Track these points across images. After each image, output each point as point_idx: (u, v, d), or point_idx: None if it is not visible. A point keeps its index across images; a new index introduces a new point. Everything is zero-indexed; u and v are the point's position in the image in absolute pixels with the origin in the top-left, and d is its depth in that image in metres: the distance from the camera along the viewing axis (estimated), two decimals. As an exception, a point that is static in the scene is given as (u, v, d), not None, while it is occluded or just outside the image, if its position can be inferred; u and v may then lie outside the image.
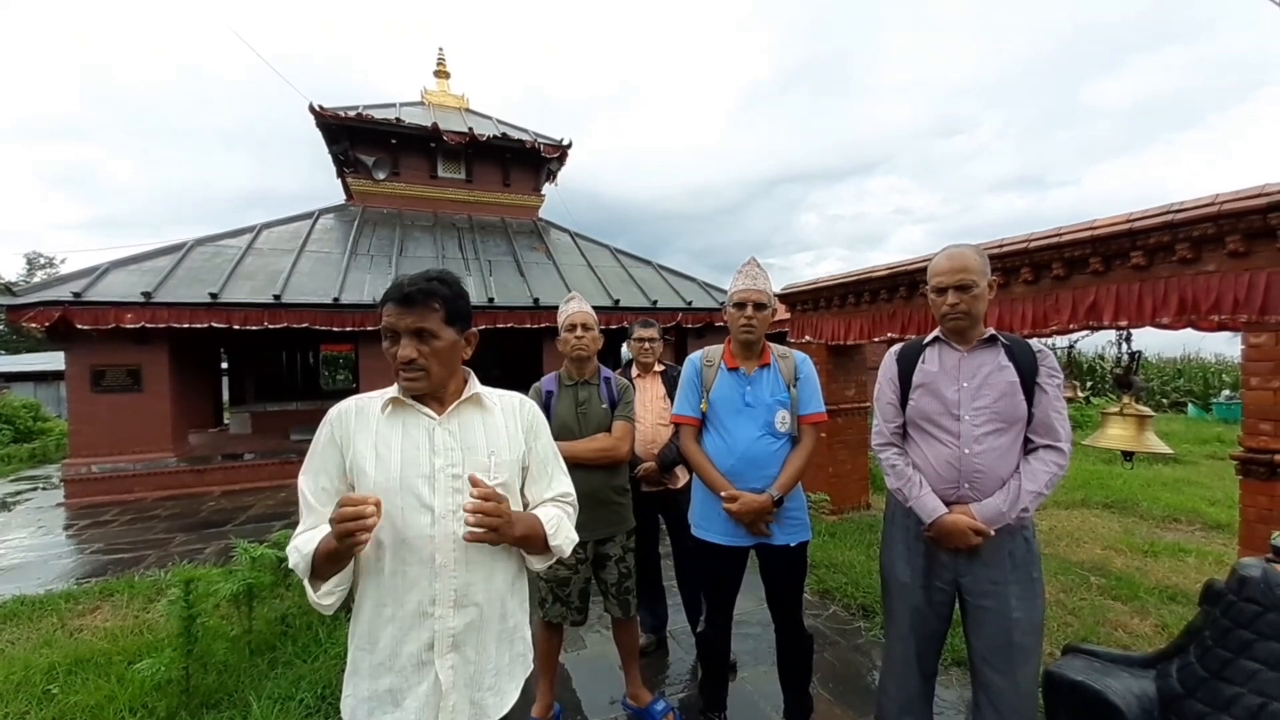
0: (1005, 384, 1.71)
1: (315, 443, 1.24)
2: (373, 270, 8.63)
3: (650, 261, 11.30)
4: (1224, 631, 1.76)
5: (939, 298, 1.77)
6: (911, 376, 1.86)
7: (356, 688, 1.20)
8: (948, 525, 1.69)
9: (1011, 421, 1.70)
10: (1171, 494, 5.98)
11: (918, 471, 1.81)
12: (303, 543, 1.15)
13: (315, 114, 10.09)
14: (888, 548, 1.94)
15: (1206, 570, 3.89)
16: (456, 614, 1.20)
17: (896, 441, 1.90)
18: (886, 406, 1.92)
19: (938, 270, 1.77)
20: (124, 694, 2.49)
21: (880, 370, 1.97)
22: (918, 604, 1.81)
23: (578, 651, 3.02)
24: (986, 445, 1.70)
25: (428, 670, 1.19)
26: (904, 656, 1.85)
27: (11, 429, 11.73)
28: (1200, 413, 13.32)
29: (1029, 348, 1.76)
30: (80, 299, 6.60)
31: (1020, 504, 1.65)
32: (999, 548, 1.70)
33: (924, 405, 1.81)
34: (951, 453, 1.74)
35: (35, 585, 4.14)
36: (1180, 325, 2.74)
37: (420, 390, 1.24)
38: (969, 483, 1.71)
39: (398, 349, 1.20)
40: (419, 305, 1.19)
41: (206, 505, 6.64)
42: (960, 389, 1.76)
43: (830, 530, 4.68)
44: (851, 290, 4.78)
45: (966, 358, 1.78)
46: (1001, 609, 1.68)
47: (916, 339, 1.94)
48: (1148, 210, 2.81)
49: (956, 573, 1.76)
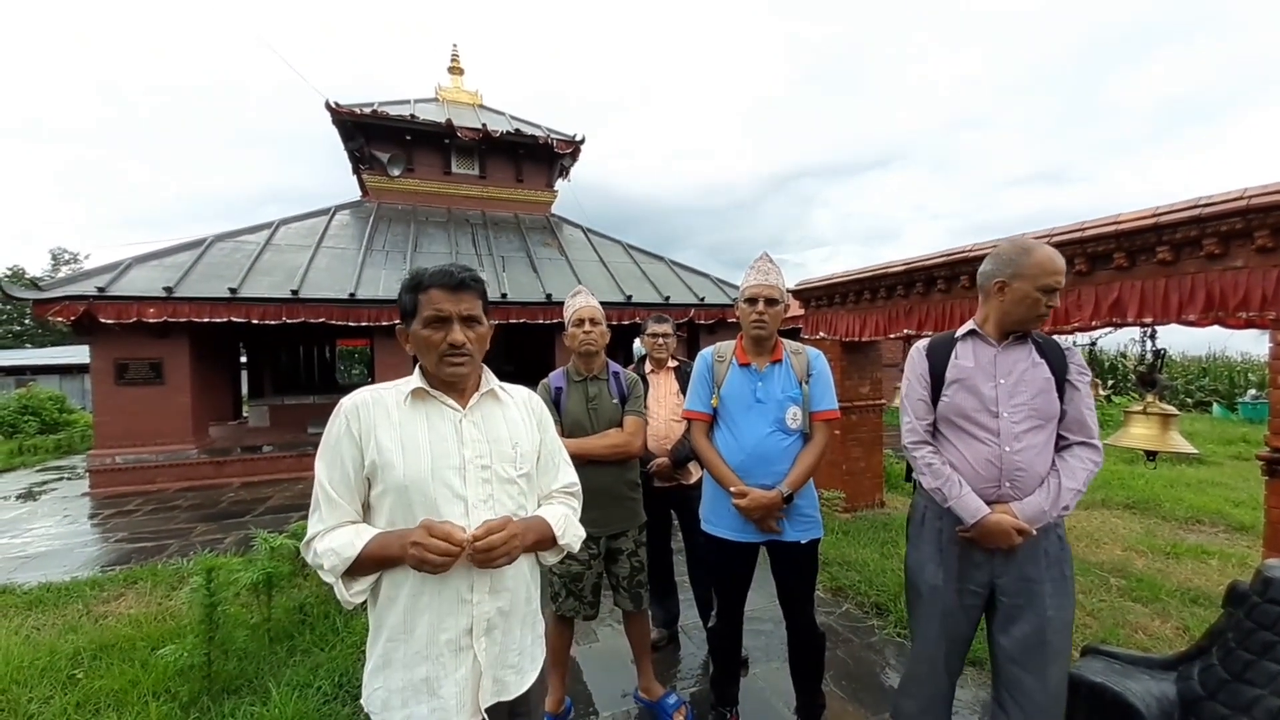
0: (1042, 380, 1.68)
1: (329, 435, 1.23)
2: (388, 266, 8.71)
3: (663, 257, 11.28)
4: (1247, 633, 1.73)
5: (1045, 296, 1.64)
6: (944, 372, 1.79)
7: (388, 679, 1.20)
8: (991, 525, 1.63)
9: (1048, 419, 1.67)
10: (1195, 495, 5.86)
11: (955, 471, 1.74)
12: (341, 544, 1.13)
13: (331, 111, 10.19)
14: (915, 549, 1.87)
15: (1230, 573, 3.81)
16: (492, 599, 1.24)
17: (930, 439, 1.83)
18: (918, 403, 1.84)
19: (1058, 269, 1.65)
20: (148, 679, 2.55)
21: (908, 365, 1.89)
22: (949, 607, 1.76)
23: (589, 645, 3.03)
24: (1026, 443, 1.66)
25: (465, 655, 1.21)
26: (931, 660, 1.80)
27: (38, 420, 12.03)
28: (1225, 412, 13.04)
29: (1058, 345, 1.73)
30: (104, 294, 6.75)
31: (1062, 502, 1.62)
32: (1035, 545, 1.67)
33: (959, 402, 1.75)
34: (991, 451, 1.69)
35: (61, 572, 4.25)
36: (1207, 322, 2.68)
37: (462, 376, 1.26)
38: (1010, 481, 1.67)
39: (445, 334, 1.22)
40: (470, 291, 1.24)
41: (226, 496, 6.77)
42: (998, 385, 1.71)
43: (844, 528, 4.65)
44: (867, 286, 4.73)
45: (1001, 353, 1.73)
46: (1036, 607, 1.65)
47: (946, 333, 1.87)
48: (1174, 204, 2.74)
49: (993, 573, 1.71)
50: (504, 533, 1.14)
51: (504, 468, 1.28)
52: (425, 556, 1.07)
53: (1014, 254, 1.68)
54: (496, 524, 1.15)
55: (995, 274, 1.72)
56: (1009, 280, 1.68)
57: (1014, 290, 1.68)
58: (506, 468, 1.28)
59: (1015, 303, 1.68)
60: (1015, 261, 1.67)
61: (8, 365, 20.34)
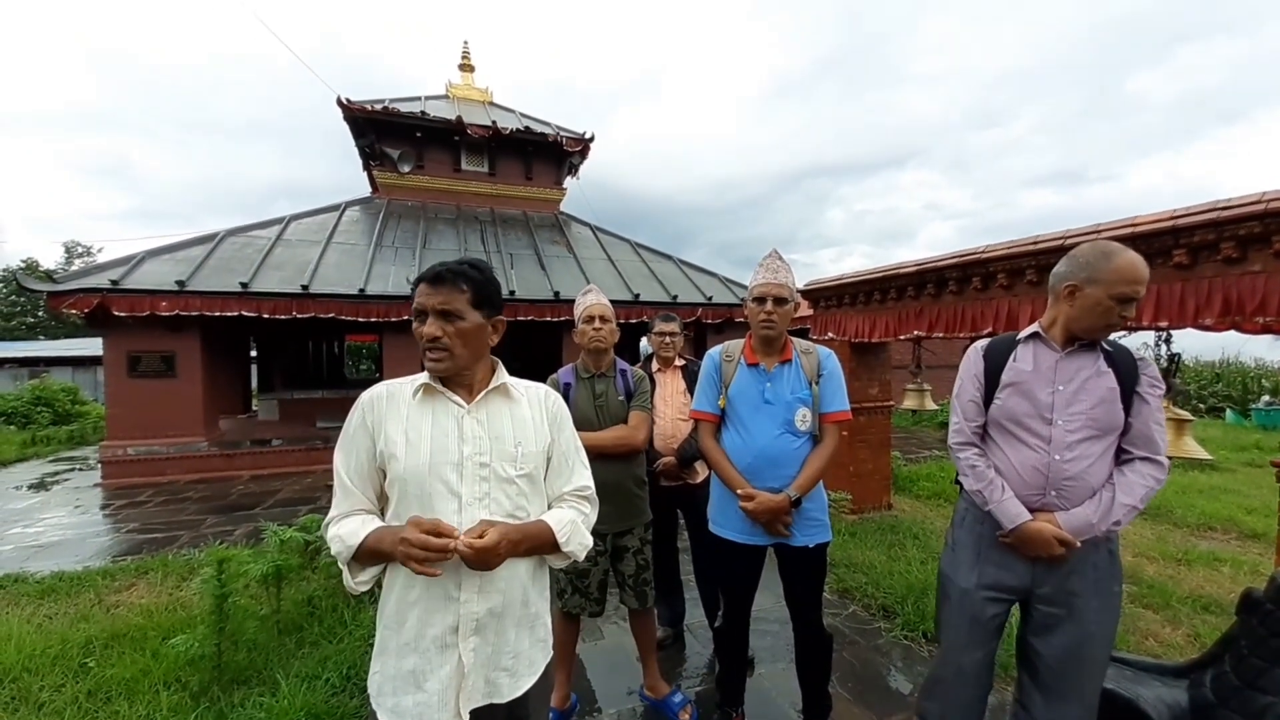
0: (1105, 390, 1.59)
1: (347, 425, 1.27)
2: (397, 262, 8.75)
3: (671, 256, 11.27)
4: (1260, 641, 1.71)
5: (1119, 306, 1.54)
6: (1000, 375, 1.72)
7: (384, 665, 1.23)
8: (1031, 533, 1.59)
9: (1107, 430, 1.59)
10: (1207, 501, 5.79)
11: (1000, 475, 1.70)
12: (347, 533, 1.18)
13: (343, 107, 10.24)
14: (952, 552, 1.83)
15: (1242, 580, 3.77)
16: (480, 599, 1.22)
17: (976, 441, 1.78)
18: (969, 404, 1.78)
19: (1140, 279, 1.52)
20: (158, 668, 2.58)
21: (963, 365, 1.83)
22: (978, 614, 1.72)
23: (595, 642, 3.04)
24: (1079, 453, 1.59)
25: (450, 653, 1.21)
26: (958, 666, 1.75)
27: (51, 411, 12.17)
28: (1239, 418, 12.87)
29: (1131, 355, 1.63)
30: (118, 286, 6.82)
31: (1113, 517, 1.55)
32: (1083, 559, 1.61)
33: (1012, 406, 1.68)
34: (1039, 458, 1.63)
35: (73, 562, 4.30)
36: (1223, 327, 2.64)
37: (443, 371, 1.25)
38: (1056, 490, 1.61)
39: (423, 327, 1.23)
40: (446, 285, 1.23)
41: (236, 489, 6.83)
42: (1056, 391, 1.63)
43: (850, 530, 4.63)
44: (877, 287, 4.70)
45: (1065, 359, 1.65)
46: (1078, 620, 1.60)
47: (1008, 335, 1.79)
48: (1192, 207, 2.71)
49: (1033, 582, 1.66)
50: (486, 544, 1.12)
51: (503, 466, 1.26)
52: (410, 553, 1.08)
53: (1092, 256, 1.57)
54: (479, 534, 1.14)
55: (1068, 277, 1.61)
56: (1081, 285, 1.57)
57: (1085, 296, 1.56)
58: (506, 466, 1.27)
59: (1086, 310, 1.57)
60: (1092, 265, 1.56)
61: (22, 357, 20.62)
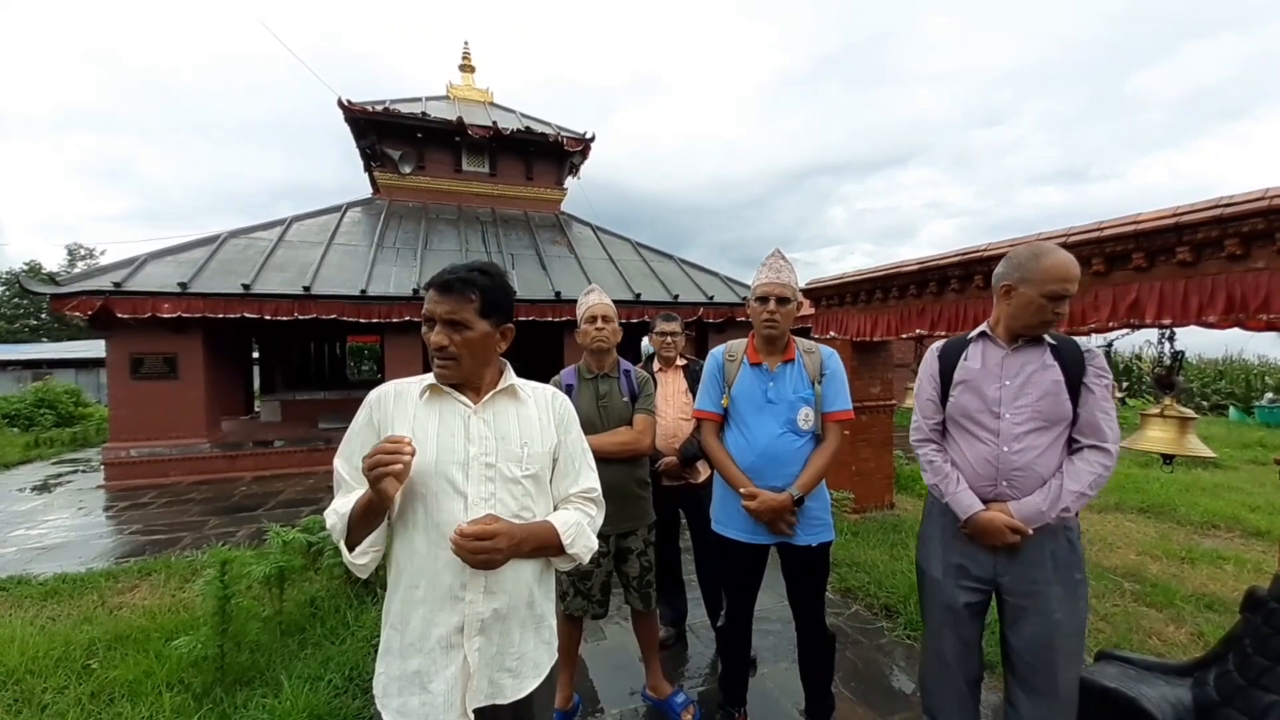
0: (1049, 383, 1.67)
1: (354, 425, 1.27)
2: (398, 263, 8.76)
3: (672, 255, 11.26)
4: (1264, 639, 1.71)
5: (1050, 304, 1.63)
6: (953, 373, 1.83)
7: (389, 666, 1.23)
8: (983, 522, 1.68)
9: (1054, 421, 1.67)
10: (1210, 499, 5.77)
11: (955, 468, 1.79)
12: (339, 505, 1.21)
13: (344, 108, 10.26)
14: (924, 543, 1.92)
15: (1245, 578, 3.76)
16: (486, 600, 1.22)
17: (935, 438, 1.88)
18: (926, 403, 1.90)
19: (1068, 277, 1.62)
20: (161, 670, 2.58)
21: (921, 366, 1.94)
22: (950, 601, 1.80)
23: (598, 643, 3.04)
24: (1026, 444, 1.68)
25: (456, 653, 1.20)
26: (938, 652, 1.84)
27: (54, 413, 12.18)
28: (1242, 416, 12.85)
29: (1077, 347, 1.71)
30: (120, 289, 6.84)
31: (1061, 504, 1.62)
32: (1040, 547, 1.67)
33: (964, 402, 1.78)
34: (990, 450, 1.72)
35: (76, 563, 4.31)
36: (1227, 324, 2.63)
37: (451, 379, 1.26)
38: (1007, 480, 1.70)
39: (432, 335, 1.23)
40: (455, 294, 1.22)
41: (238, 490, 6.84)
42: (1003, 386, 1.73)
43: (853, 529, 4.63)
44: (879, 285, 4.69)
45: (1010, 355, 1.74)
46: (1043, 609, 1.65)
47: (961, 336, 1.89)
48: (1195, 204, 2.70)
49: (995, 572, 1.73)
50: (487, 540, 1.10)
51: (509, 467, 1.26)
52: (375, 460, 1.06)
53: (1024, 258, 1.67)
54: (478, 532, 1.11)
55: (1004, 277, 1.72)
56: (1016, 284, 1.68)
57: (1020, 295, 1.67)
58: (512, 467, 1.26)
59: (1021, 308, 1.68)
60: (1024, 265, 1.66)
61: (25, 359, 20.66)
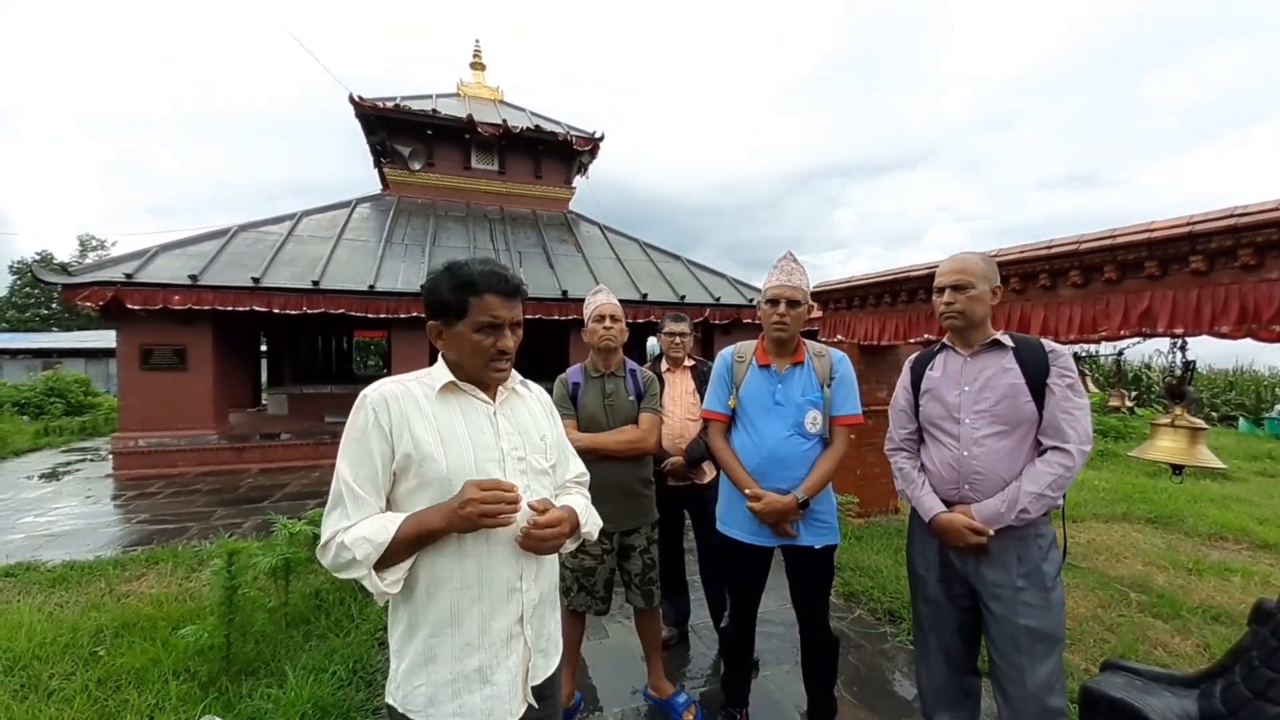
0: (1006, 386, 1.71)
1: (353, 429, 1.16)
2: (406, 259, 8.79)
3: (679, 256, 11.27)
4: (1271, 652, 1.70)
5: (938, 297, 1.82)
6: (921, 382, 1.91)
7: (433, 674, 1.17)
8: (943, 524, 1.75)
9: (1015, 424, 1.70)
10: (1219, 510, 5.72)
11: (923, 473, 1.88)
12: (373, 533, 1.09)
13: (354, 104, 10.30)
14: (910, 542, 2.01)
15: (1253, 590, 3.72)
16: (535, 586, 1.26)
17: (906, 446, 1.97)
18: (899, 413, 1.99)
19: (939, 271, 1.82)
20: (168, 658, 2.60)
21: (899, 379, 2.05)
22: (934, 597, 1.87)
23: (600, 640, 3.04)
24: (986, 447, 1.72)
25: (516, 642, 1.23)
26: (924, 647, 1.92)
27: (63, 402, 12.32)
28: (1252, 427, 12.72)
29: (1039, 348, 1.74)
30: (131, 280, 6.89)
31: (1019, 505, 1.64)
32: (1005, 550, 1.70)
33: (929, 410, 1.87)
34: (952, 455, 1.79)
35: (84, 551, 4.36)
36: (1240, 335, 2.61)
37: (503, 380, 1.29)
38: (968, 483, 1.75)
39: (496, 339, 1.21)
40: (519, 298, 1.25)
41: (245, 482, 6.89)
42: (962, 392, 1.79)
43: (857, 533, 4.62)
44: (887, 289, 4.68)
45: (969, 362, 1.81)
46: (1007, 614, 1.68)
47: (932, 347, 1.98)
48: (1209, 213, 2.68)
49: (965, 571, 1.79)
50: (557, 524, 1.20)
51: (537, 459, 1.31)
52: (486, 510, 1.09)
53: None
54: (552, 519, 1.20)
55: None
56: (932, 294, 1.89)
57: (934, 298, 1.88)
58: (539, 459, 1.31)
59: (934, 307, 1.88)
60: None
61: (35, 348, 20.87)
